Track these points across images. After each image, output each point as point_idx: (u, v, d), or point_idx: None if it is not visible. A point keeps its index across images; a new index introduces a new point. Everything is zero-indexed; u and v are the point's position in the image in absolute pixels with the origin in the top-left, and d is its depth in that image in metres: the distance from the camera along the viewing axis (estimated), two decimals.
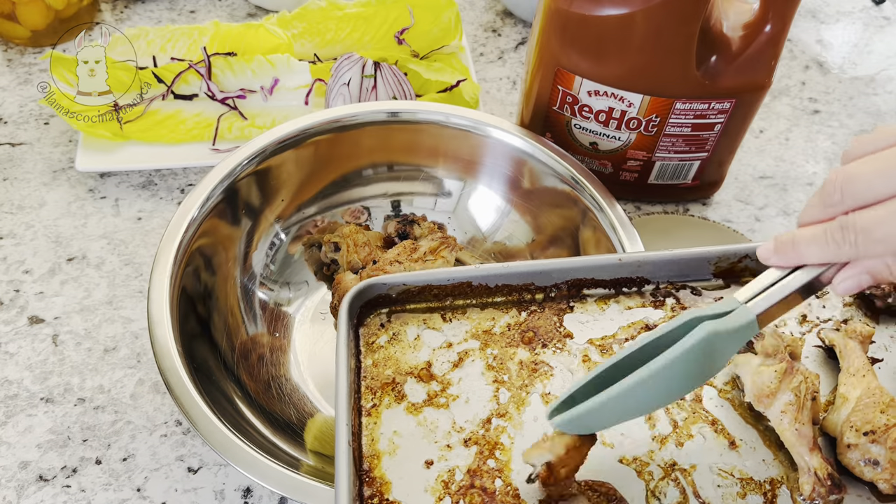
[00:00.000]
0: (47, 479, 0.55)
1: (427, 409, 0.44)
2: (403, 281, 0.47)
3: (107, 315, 0.65)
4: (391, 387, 0.45)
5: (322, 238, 0.66)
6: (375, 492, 0.41)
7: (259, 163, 0.62)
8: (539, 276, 0.48)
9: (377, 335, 0.47)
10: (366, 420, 0.44)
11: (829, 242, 0.36)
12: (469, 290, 0.48)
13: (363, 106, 0.66)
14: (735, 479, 0.42)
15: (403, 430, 0.43)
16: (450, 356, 0.47)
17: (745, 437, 0.43)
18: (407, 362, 0.46)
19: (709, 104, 0.63)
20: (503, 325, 0.48)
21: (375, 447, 0.42)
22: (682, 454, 0.42)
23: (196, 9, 0.95)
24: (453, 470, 0.42)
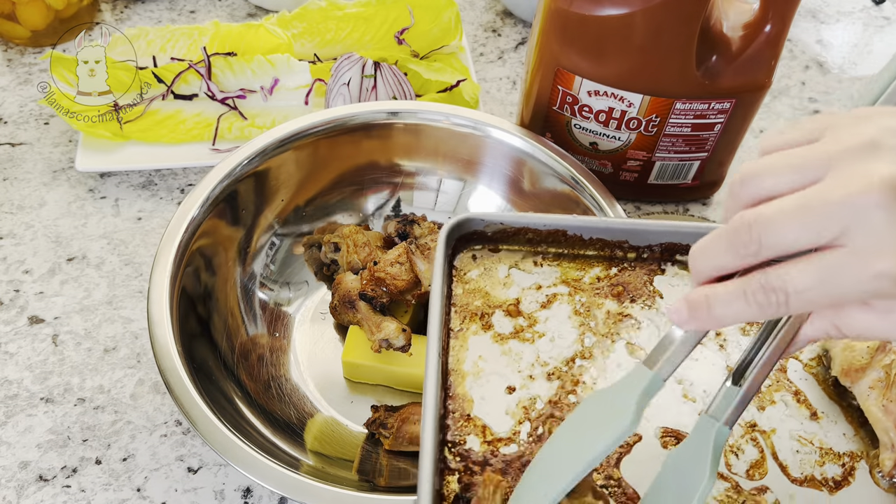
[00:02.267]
0: (47, 479, 0.55)
1: (512, 341, 0.46)
2: (501, 220, 0.49)
3: (107, 315, 0.65)
4: (479, 315, 0.47)
5: (322, 238, 0.66)
6: (458, 406, 0.43)
7: (259, 163, 0.62)
8: (634, 234, 0.49)
9: (469, 268, 0.49)
10: (453, 342, 0.46)
11: (752, 304, 0.32)
12: (563, 240, 0.49)
13: (363, 106, 0.66)
14: (814, 447, 0.42)
15: (488, 356, 0.45)
16: (538, 297, 0.48)
17: (827, 411, 0.44)
18: (496, 296, 0.48)
19: (709, 104, 0.63)
20: (593, 276, 0.49)
21: (460, 367, 0.44)
22: (762, 417, 0.43)
23: (196, 9, 0.95)
24: (534, 398, 0.43)
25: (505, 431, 0.42)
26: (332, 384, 0.61)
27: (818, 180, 0.30)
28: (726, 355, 0.46)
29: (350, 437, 0.58)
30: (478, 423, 0.42)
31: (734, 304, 0.32)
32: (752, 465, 0.41)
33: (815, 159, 0.31)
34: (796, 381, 0.45)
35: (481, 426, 0.42)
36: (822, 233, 0.30)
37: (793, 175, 0.31)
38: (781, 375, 0.45)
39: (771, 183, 0.32)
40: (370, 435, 0.57)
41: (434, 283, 0.45)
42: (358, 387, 0.61)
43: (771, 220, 0.31)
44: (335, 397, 0.60)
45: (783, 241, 0.31)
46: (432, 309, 0.44)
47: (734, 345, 0.46)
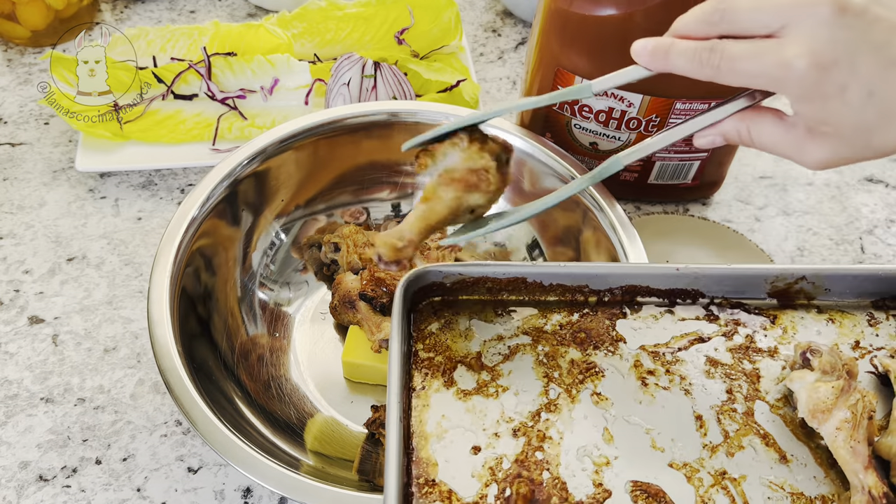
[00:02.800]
0: (47, 479, 0.55)
1: (476, 397, 0.45)
2: (460, 271, 0.48)
3: (107, 315, 0.65)
4: (441, 371, 0.46)
5: (322, 238, 0.66)
6: (422, 471, 0.41)
7: (259, 163, 0.62)
8: (594, 279, 0.49)
9: (429, 322, 0.48)
10: (415, 401, 0.44)
11: (695, 60, 0.40)
12: (523, 287, 0.49)
13: (363, 106, 0.66)
14: (785, 492, 0.41)
15: (452, 415, 0.44)
16: (501, 349, 0.47)
17: (796, 453, 0.43)
18: (458, 350, 0.47)
19: (709, 104, 0.63)
20: (555, 323, 0.48)
21: (423, 429, 0.43)
22: (732, 464, 0.42)
23: (196, 9, 0.95)
24: (501, 458, 0.42)
25: (471, 496, 0.40)
26: (332, 384, 0.61)
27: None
28: (692, 400, 0.45)
29: (350, 436, 0.58)
30: (443, 488, 0.41)
31: (684, 56, 0.40)
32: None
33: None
34: (763, 423, 0.44)
35: (447, 491, 0.41)
36: (770, 23, 0.38)
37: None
38: (748, 419, 0.44)
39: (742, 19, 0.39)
40: (370, 435, 0.57)
41: (392, 342, 0.44)
42: (358, 387, 0.61)
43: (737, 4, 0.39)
44: (335, 397, 0.60)
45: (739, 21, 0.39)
46: (391, 370, 0.43)
47: (699, 389, 0.46)
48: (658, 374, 0.46)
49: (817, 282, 0.48)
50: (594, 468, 0.42)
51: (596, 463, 0.42)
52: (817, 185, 0.79)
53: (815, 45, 0.37)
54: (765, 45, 0.38)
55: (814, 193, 0.78)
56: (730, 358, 0.47)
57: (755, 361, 0.47)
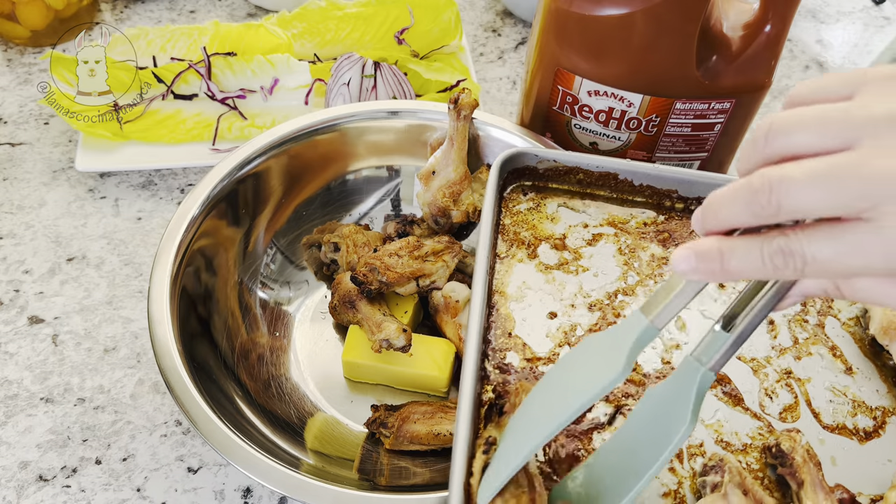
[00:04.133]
0: (47, 479, 0.55)
1: (557, 272, 0.48)
2: (554, 157, 0.50)
3: (107, 315, 0.65)
4: (526, 244, 0.49)
5: (322, 238, 0.66)
6: (500, 323, 0.44)
7: (259, 163, 0.62)
8: (684, 185, 0.50)
9: (518, 201, 0.51)
10: (499, 266, 0.47)
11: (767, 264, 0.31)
12: (613, 183, 0.51)
13: (363, 106, 0.66)
14: (847, 398, 0.43)
15: (532, 283, 0.47)
16: (585, 234, 0.50)
17: (861, 368, 0.45)
18: (544, 230, 0.50)
19: (709, 104, 0.63)
20: (640, 221, 0.51)
21: (505, 289, 0.46)
22: (798, 366, 0.44)
23: (196, 9, 0.95)
24: (575, 326, 0.45)
25: (544, 352, 0.43)
26: (332, 384, 0.61)
27: (850, 146, 0.29)
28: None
29: (350, 436, 0.58)
30: (518, 340, 0.44)
31: (749, 261, 0.31)
32: (785, 408, 0.43)
33: (850, 122, 0.29)
34: (833, 337, 0.46)
35: (521, 344, 0.44)
36: (850, 205, 0.29)
37: (823, 136, 0.29)
38: (819, 330, 0.46)
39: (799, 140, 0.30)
40: (370, 434, 0.57)
41: (485, 209, 0.47)
42: (358, 386, 0.61)
43: (795, 184, 0.29)
44: (335, 397, 0.60)
45: (804, 206, 0.29)
46: (482, 232, 0.46)
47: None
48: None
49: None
50: (664, 348, 0.45)
51: (666, 345, 0.45)
52: None
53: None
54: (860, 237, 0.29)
55: None
56: None
57: None
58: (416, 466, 0.54)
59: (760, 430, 0.42)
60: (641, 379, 0.43)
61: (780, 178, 0.29)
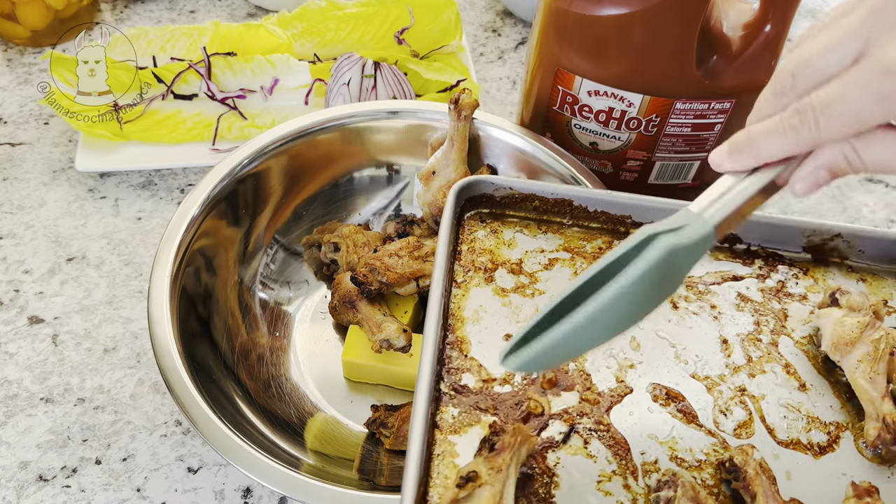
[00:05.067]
0: (47, 479, 0.55)
1: (513, 295, 0.48)
2: (510, 185, 0.51)
3: (107, 315, 0.65)
4: (483, 270, 0.49)
5: (322, 238, 0.66)
6: (456, 346, 0.45)
7: (259, 163, 0.62)
8: (638, 210, 0.50)
9: (476, 228, 0.52)
10: (455, 290, 0.48)
11: (788, 131, 0.33)
12: (569, 209, 0.51)
13: (363, 106, 0.66)
14: (802, 414, 0.44)
15: (489, 306, 0.47)
16: (541, 259, 0.50)
17: (815, 384, 0.45)
18: (501, 255, 0.50)
19: (709, 104, 0.63)
20: (595, 246, 0.51)
21: (461, 313, 0.47)
22: (752, 383, 0.45)
23: (196, 9, 0.95)
24: None
25: (500, 373, 0.44)
26: (332, 384, 0.61)
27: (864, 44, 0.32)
28: (720, 326, 0.47)
29: (350, 436, 0.58)
30: (474, 362, 0.44)
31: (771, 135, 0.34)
32: (739, 424, 0.43)
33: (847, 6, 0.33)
34: (787, 355, 0.46)
35: (478, 365, 0.44)
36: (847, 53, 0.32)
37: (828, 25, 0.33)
38: (773, 349, 0.46)
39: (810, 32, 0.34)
40: (370, 434, 0.57)
41: (441, 235, 0.47)
42: (358, 386, 0.61)
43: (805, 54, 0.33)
44: (335, 397, 0.60)
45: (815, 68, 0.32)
46: (438, 258, 0.46)
47: (728, 318, 0.48)
48: (689, 300, 0.48)
49: (852, 241, 0.50)
50: (618, 367, 0.45)
51: (620, 364, 0.45)
52: None
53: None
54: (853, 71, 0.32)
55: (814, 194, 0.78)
56: (760, 297, 0.49)
57: (784, 303, 0.49)
58: None
59: (715, 447, 0.42)
60: (596, 398, 0.43)
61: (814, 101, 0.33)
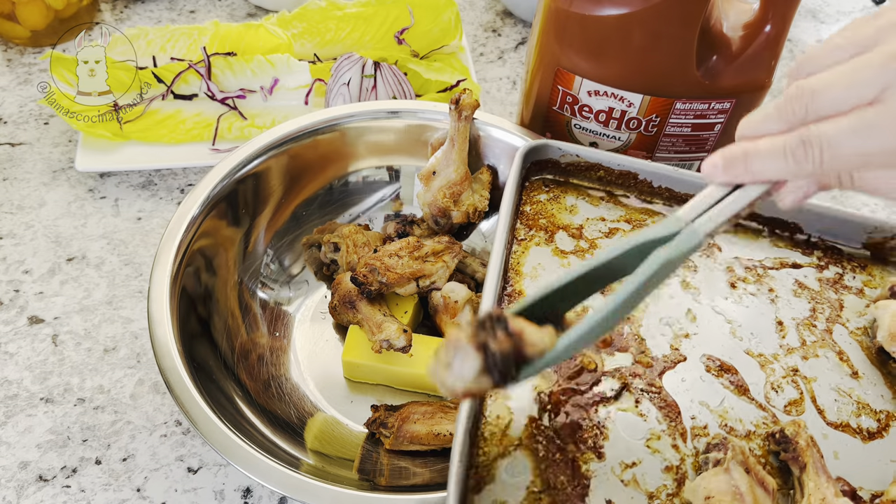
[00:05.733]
0: (47, 480, 0.55)
1: (572, 257, 0.49)
2: (577, 152, 0.52)
3: (107, 315, 0.65)
4: (544, 231, 0.50)
5: (322, 238, 0.66)
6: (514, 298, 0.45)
7: (259, 163, 0.62)
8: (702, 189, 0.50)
9: (539, 191, 0.52)
10: (515, 247, 0.49)
11: (789, 158, 0.33)
12: (633, 183, 0.52)
13: (363, 106, 0.66)
14: (852, 399, 0.44)
15: (548, 265, 0.48)
16: (601, 227, 0.51)
17: (867, 373, 0.46)
18: (562, 219, 0.51)
19: (709, 104, 0.63)
20: (656, 220, 0.51)
21: (520, 268, 0.48)
22: (805, 366, 0.45)
23: (196, 9, 0.95)
24: (587, 308, 0.46)
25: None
26: (332, 384, 0.61)
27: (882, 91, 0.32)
28: (776, 308, 0.48)
29: (350, 436, 0.58)
30: None
31: (772, 158, 0.34)
32: (790, 402, 0.43)
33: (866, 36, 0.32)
34: (841, 342, 0.47)
35: None
36: (864, 92, 0.31)
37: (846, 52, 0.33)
38: (827, 335, 0.47)
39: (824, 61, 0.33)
40: (370, 434, 0.57)
41: (506, 194, 0.48)
42: (358, 386, 0.61)
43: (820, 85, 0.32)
44: (335, 397, 0.60)
45: (828, 101, 0.32)
46: (502, 214, 0.47)
47: (785, 302, 0.48)
48: (748, 281, 0.49)
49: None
50: (673, 336, 0.46)
51: (676, 333, 0.46)
52: None
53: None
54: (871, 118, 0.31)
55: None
56: (818, 285, 0.50)
57: (841, 294, 0.49)
58: (416, 466, 0.54)
59: (765, 420, 0.43)
60: (650, 361, 0.44)
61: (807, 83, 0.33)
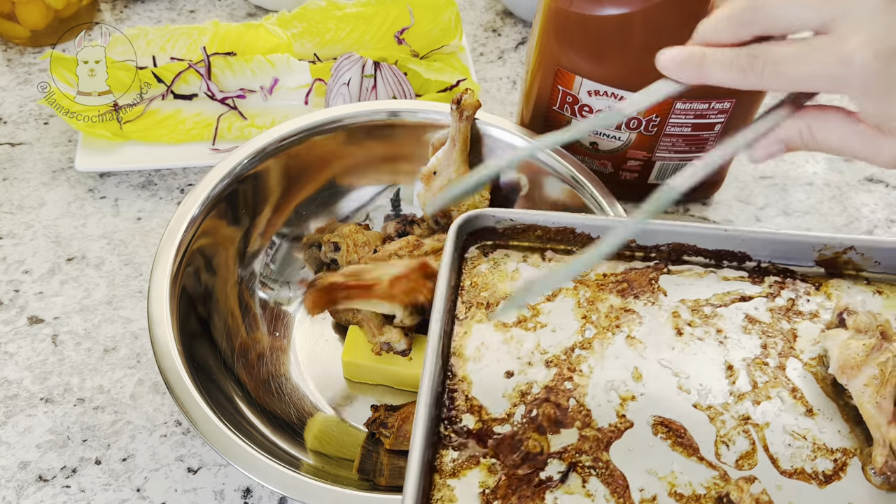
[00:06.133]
0: (47, 480, 0.55)
1: (515, 329, 0.48)
2: (511, 216, 0.51)
3: (106, 315, 0.65)
4: (485, 305, 0.49)
5: (322, 238, 0.66)
6: (457, 387, 0.45)
7: (259, 163, 0.62)
8: (642, 234, 0.50)
9: (479, 262, 0.51)
10: (457, 328, 0.47)
11: (736, 69, 0.36)
12: (572, 237, 0.51)
13: (363, 106, 0.66)
14: (807, 441, 0.43)
15: (490, 343, 0.47)
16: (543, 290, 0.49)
17: (822, 408, 0.44)
18: (503, 289, 0.50)
19: (709, 104, 0.63)
20: (599, 273, 0.50)
21: (462, 351, 0.46)
22: (757, 411, 0.44)
23: (196, 9, 0.95)
24: (531, 384, 0.45)
25: (500, 412, 0.43)
26: (332, 384, 0.61)
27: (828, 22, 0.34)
28: (725, 351, 0.46)
29: (350, 436, 0.58)
30: (475, 402, 0.44)
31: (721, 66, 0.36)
32: (741, 455, 0.42)
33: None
34: (794, 378, 0.45)
35: (478, 405, 0.44)
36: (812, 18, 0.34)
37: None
38: (780, 373, 0.45)
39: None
40: (370, 434, 0.57)
41: (441, 273, 0.47)
42: (358, 386, 0.61)
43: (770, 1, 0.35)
44: (335, 397, 0.60)
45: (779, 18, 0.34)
46: (437, 296, 0.46)
47: (734, 342, 0.47)
48: (694, 325, 0.48)
49: (867, 253, 0.49)
50: (619, 401, 0.44)
51: (622, 397, 0.44)
52: (817, 185, 0.79)
53: (873, 35, 0.33)
54: (815, 43, 0.34)
55: (814, 193, 0.78)
56: (769, 317, 0.48)
57: (794, 322, 0.48)
58: None
59: (715, 479, 0.41)
60: (595, 434, 0.43)
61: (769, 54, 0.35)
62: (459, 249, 0.50)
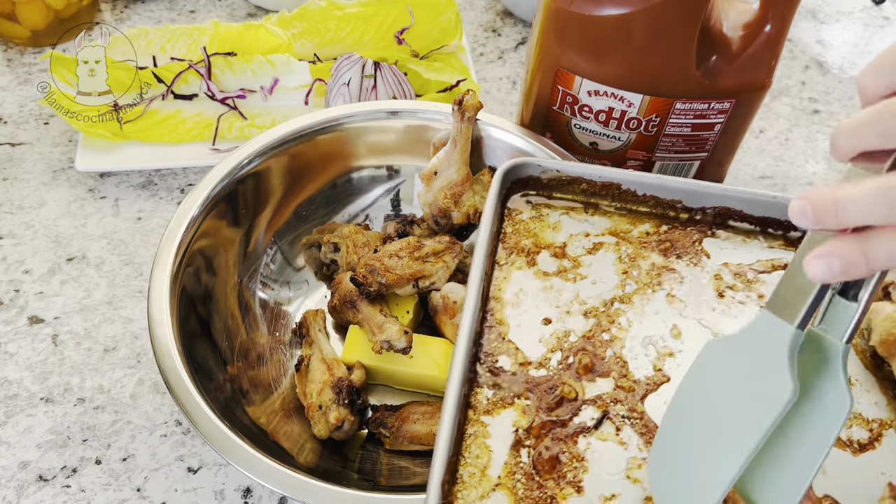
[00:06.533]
0: (47, 479, 0.55)
1: (555, 279, 0.48)
2: (557, 167, 0.51)
3: (107, 315, 0.65)
4: (525, 252, 0.49)
5: (322, 238, 0.66)
6: (494, 328, 0.45)
7: (259, 163, 0.62)
8: (690, 195, 0.50)
9: (521, 210, 0.51)
10: (496, 272, 0.48)
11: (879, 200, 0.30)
12: (617, 193, 0.51)
13: (363, 106, 0.66)
14: None
15: (529, 289, 0.47)
16: (585, 243, 0.50)
17: (861, 380, 0.44)
18: (545, 238, 0.50)
19: (709, 104, 0.63)
20: (642, 230, 0.51)
21: (501, 295, 0.47)
22: None
23: (196, 9, 0.95)
24: (569, 332, 0.45)
25: (537, 357, 0.44)
26: None
27: None
28: None
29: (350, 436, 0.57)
30: (511, 345, 0.44)
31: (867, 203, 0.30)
32: None
33: None
34: None
35: (514, 348, 0.44)
36: None
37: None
38: None
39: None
40: (370, 434, 0.57)
41: (484, 217, 0.47)
42: None
43: None
44: None
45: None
46: (479, 239, 0.46)
47: None
48: (736, 289, 0.48)
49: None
50: (657, 356, 0.45)
51: (660, 352, 0.45)
52: (817, 185, 0.79)
53: None
54: None
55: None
56: None
57: None
58: (415, 466, 0.54)
59: None
60: (632, 385, 0.43)
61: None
62: (502, 197, 0.50)
